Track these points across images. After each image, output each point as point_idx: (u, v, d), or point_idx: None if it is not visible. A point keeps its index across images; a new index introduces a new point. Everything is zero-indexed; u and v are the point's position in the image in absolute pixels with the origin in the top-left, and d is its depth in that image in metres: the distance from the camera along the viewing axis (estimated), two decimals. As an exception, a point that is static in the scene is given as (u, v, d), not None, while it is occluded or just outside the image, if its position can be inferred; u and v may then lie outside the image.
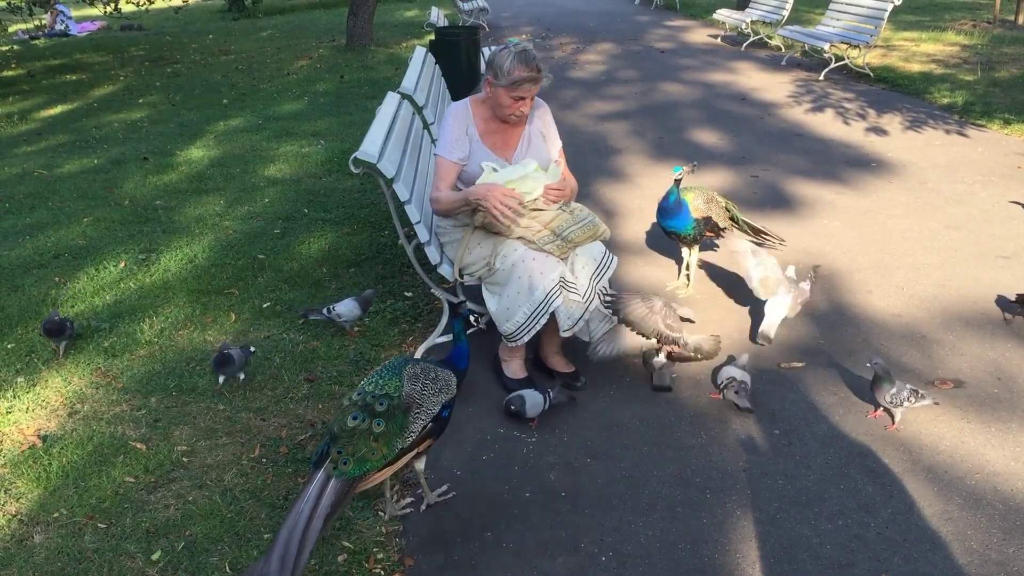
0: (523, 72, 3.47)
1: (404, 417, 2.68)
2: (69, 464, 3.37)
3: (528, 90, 3.54)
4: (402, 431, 2.67)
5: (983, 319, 4.33)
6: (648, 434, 3.50)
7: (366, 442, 2.59)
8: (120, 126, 9.58)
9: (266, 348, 4.22)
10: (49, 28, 20.68)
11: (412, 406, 2.71)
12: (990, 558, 2.76)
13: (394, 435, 2.65)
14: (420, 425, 2.72)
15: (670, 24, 17.53)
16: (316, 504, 2.47)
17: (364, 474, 2.59)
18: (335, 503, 2.50)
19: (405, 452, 2.72)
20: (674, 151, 7.67)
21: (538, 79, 3.53)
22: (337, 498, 2.51)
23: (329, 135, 8.61)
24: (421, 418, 2.72)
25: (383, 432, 2.62)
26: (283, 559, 2.35)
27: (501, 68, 3.50)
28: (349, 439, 2.58)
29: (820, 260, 5.09)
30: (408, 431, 2.68)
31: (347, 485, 2.55)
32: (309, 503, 2.46)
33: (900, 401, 3.39)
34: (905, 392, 3.39)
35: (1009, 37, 13.25)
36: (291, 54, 14.39)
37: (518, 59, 3.48)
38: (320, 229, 5.87)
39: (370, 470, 2.60)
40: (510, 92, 3.53)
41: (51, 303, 4.79)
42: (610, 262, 3.73)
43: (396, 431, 2.66)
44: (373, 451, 2.60)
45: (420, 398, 2.74)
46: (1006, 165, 6.88)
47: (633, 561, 2.81)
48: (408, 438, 2.68)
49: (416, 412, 2.71)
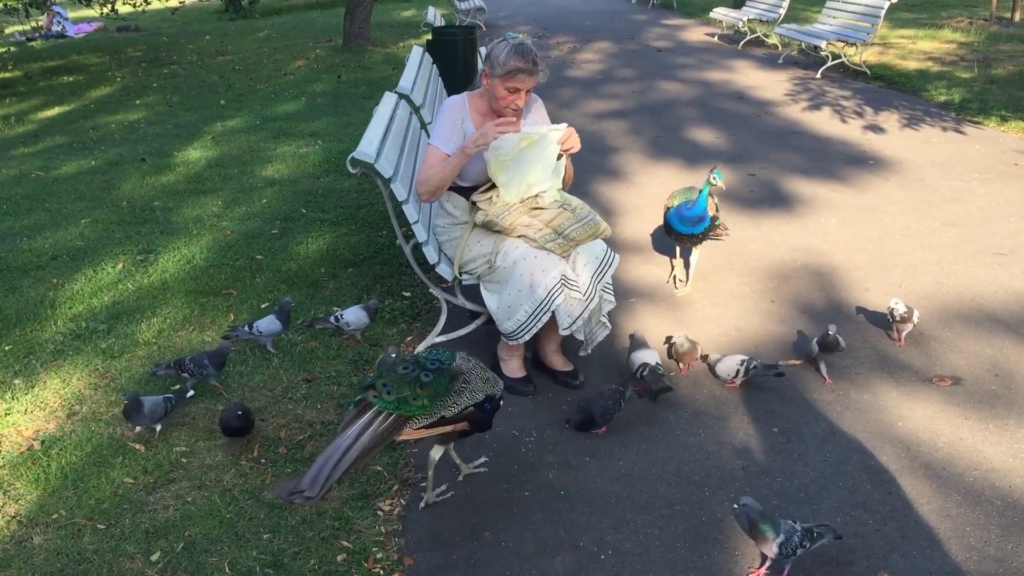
0: (518, 63, 3.47)
1: (450, 383, 2.81)
2: (68, 465, 3.37)
3: (523, 81, 3.52)
4: (447, 393, 2.79)
5: (981, 316, 4.34)
6: (647, 432, 3.50)
7: (412, 388, 2.72)
8: (117, 127, 9.58)
9: (264, 349, 4.22)
10: (46, 29, 20.69)
11: (459, 378, 2.84)
12: (988, 554, 2.76)
13: (439, 393, 2.77)
14: (464, 401, 2.83)
15: (667, 23, 17.54)
16: (356, 439, 2.61)
17: (402, 415, 2.70)
18: (372, 440, 2.63)
19: (445, 422, 2.82)
20: (672, 150, 7.68)
21: (533, 71, 3.52)
22: (375, 436, 2.64)
23: (327, 135, 8.61)
24: (466, 394, 2.84)
25: (430, 383, 2.76)
26: (315, 478, 2.51)
27: (497, 59, 3.50)
28: (395, 380, 2.73)
29: (817, 258, 5.10)
30: (452, 398, 2.80)
31: (387, 426, 2.67)
32: (348, 439, 2.61)
33: (792, 551, 2.57)
34: (796, 538, 2.58)
35: (1006, 34, 13.26)
36: (288, 54, 14.38)
37: (514, 50, 3.48)
38: (318, 229, 5.87)
39: (409, 413, 2.71)
40: (505, 83, 3.53)
41: (49, 304, 4.79)
42: (612, 260, 3.73)
43: (441, 390, 2.78)
44: (416, 396, 2.72)
45: (468, 376, 2.87)
46: (1003, 162, 6.89)
47: (632, 559, 2.81)
48: (451, 407, 2.79)
49: (463, 386, 2.83)
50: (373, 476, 3.25)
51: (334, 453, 2.58)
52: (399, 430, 2.71)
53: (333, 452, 2.58)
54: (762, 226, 5.69)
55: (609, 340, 3.97)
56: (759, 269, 5.01)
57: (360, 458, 2.60)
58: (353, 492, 3.16)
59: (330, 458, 2.56)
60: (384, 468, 3.30)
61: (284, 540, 2.93)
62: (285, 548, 2.89)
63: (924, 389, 3.72)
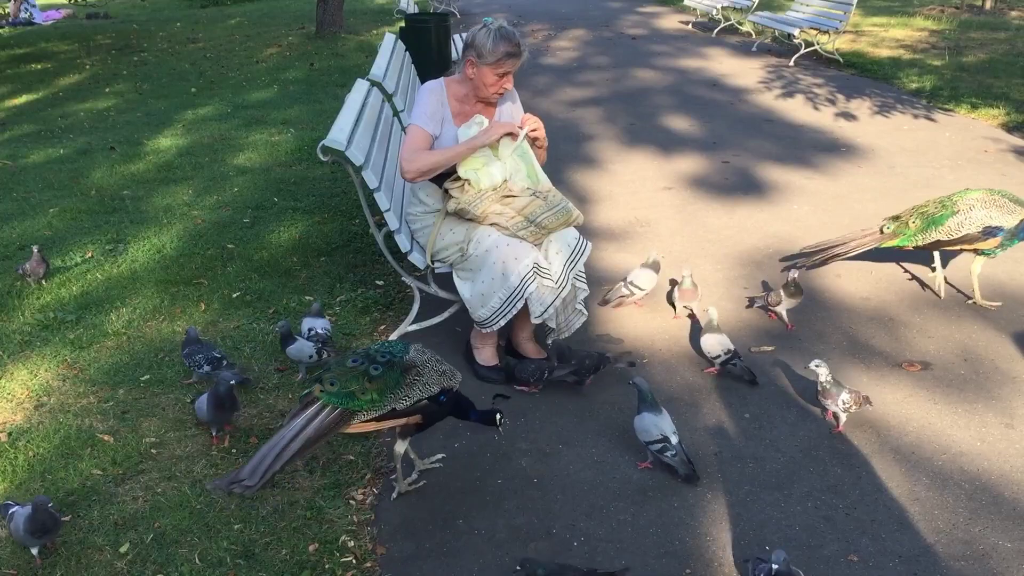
0: (507, 48, 3.50)
1: (401, 376, 2.78)
2: (36, 457, 3.33)
3: (512, 65, 3.55)
4: (396, 387, 2.76)
5: (951, 301, 4.38)
6: (619, 419, 3.50)
7: (359, 381, 2.71)
8: (86, 116, 9.44)
9: (236, 338, 4.18)
10: (13, 17, 20.32)
11: (412, 371, 2.81)
12: (956, 537, 2.79)
13: (388, 387, 2.74)
14: (417, 394, 2.80)
15: (642, 11, 17.52)
16: (300, 431, 2.61)
17: (349, 409, 2.68)
18: (317, 431, 2.63)
19: (396, 415, 2.80)
20: (646, 137, 7.68)
21: (519, 53, 3.55)
22: (319, 428, 2.63)
23: (299, 123, 8.54)
24: (419, 387, 2.81)
25: (378, 377, 2.73)
26: (255, 468, 2.54)
27: (484, 47, 3.49)
28: (342, 373, 2.72)
29: (790, 245, 5.12)
30: (403, 392, 2.77)
31: (332, 419, 2.66)
32: (292, 430, 2.61)
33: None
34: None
35: (977, 22, 13.38)
36: (260, 42, 14.23)
37: (500, 36, 3.49)
38: (290, 218, 5.82)
39: (356, 408, 2.69)
40: (495, 70, 3.53)
41: (16, 295, 4.72)
42: (584, 248, 3.73)
43: (391, 384, 2.75)
44: (364, 391, 2.70)
45: (422, 369, 2.83)
46: (973, 149, 6.95)
47: (605, 546, 2.82)
48: (402, 400, 2.77)
49: (415, 378, 2.80)
50: (346, 465, 3.24)
51: (277, 443, 2.59)
52: (345, 423, 2.70)
53: (276, 443, 2.59)
54: (735, 213, 5.70)
55: (582, 327, 3.96)
56: (732, 256, 5.02)
57: (303, 450, 2.61)
58: (325, 481, 3.14)
59: (272, 448, 2.58)
60: (357, 457, 3.29)
61: (255, 530, 2.91)
62: (256, 538, 2.87)
63: (894, 374, 3.75)
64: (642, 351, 4.00)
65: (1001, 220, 4.08)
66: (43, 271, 4.78)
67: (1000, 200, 4.12)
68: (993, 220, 4.08)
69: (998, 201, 4.11)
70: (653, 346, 4.07)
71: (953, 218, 4.14)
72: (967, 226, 4.11)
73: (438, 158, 3.56)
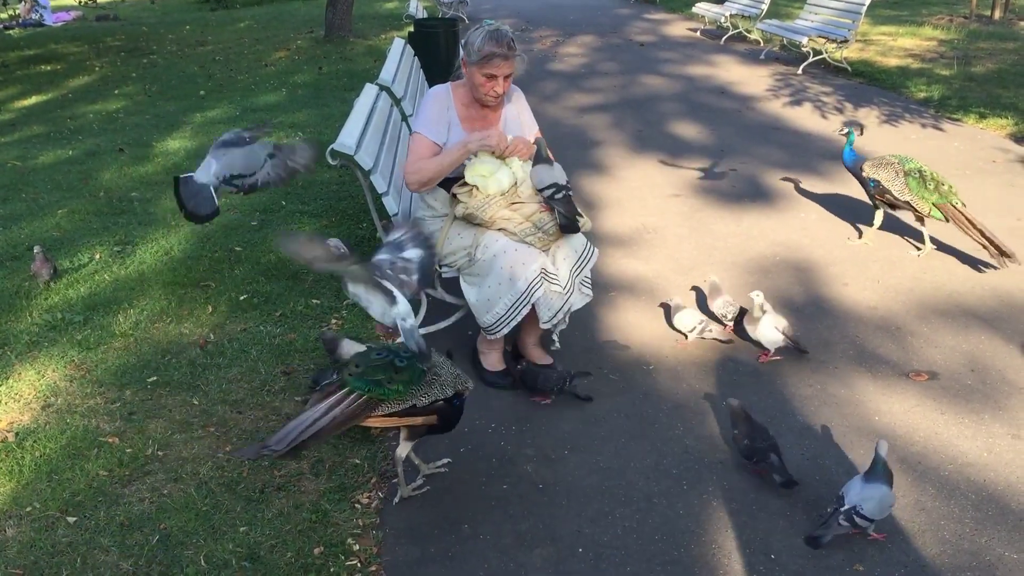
0: (492, 47, 3.47)
1: (423, 374, 2.79)
2: (42, 458, 3.33)
3: (499, 67, 3.52)
4: (419, 381, 2.77)
5: (958, 311, 4.37)
6: (626, 426, 3.50)
7: (387, 372, 2.72)
8: (96, 117, 9.48)
9: (243, 341, 4.19)
10: (23, 18, 20.41)
11: (431, 369, 2.83)
12: (963, 548, 2.79)
13: (413, 380, 2.76)
14: (436, 392, 2.82)
15: (650, 17, 17.54)
16: (327, 411, 2.62)
17: (374, 398, 2.69)
18: (344, 415, 2.64)
19: (415, 413, 2.80)
20: (654, 144, 7.69)
21: (509, 56, 3.51)
22: (345, 412, 2.65)
23: (307, 127, 8.56)
24: (437, 386, 2.82)
25: (405, 368, 2.75)
26: (282, 438, 2.54)
27: (472, 45, 3.50)
28: (369, 363, 2.74)
29: (796, 253, 5.12)
30: (424, 388, 2.79)
31: (358, 405, 2.67)
32: (319, 411, 2.62)
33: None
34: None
35: (985, 32, 13.36)
36: (269, 45, 14.28)
37: (489, 36, 3.49)
38: (298, 221, 5.83)
39: (382, 396, 2.70)
40: (481, 69, 3.52)
41: (24, 295, 4.73)
42: (591, 254, 3.73)
43: (415, 377, 2.77)
44: (392, 380, 2.72)
45: (439, 369, 2.86)
46: (981, 159, 6.94)
47: (610, 552, 2.82)
48: (423, 397, 2.78)
49: (434, 377, 2.82)
50: (351, 469, 3.24)
51: (306, 419, 2.60)
52: (369, 412, 2.71)
53: (305, 419, 2.60)
54: (742, 221, 5.70)
55: (588, 333, 3.97)
56: (739, 263, 5.02)
57: (329, 429, 2.62)
58: (331, 485, 3.14)
59: (302, 423, 2.59)
60: (363, 461, 3.29)
61: (261, 533, 2.91)
62: (262, 541, 2.87)
63: (901, 383, 3.74)
64: (649, 359, 4.00)
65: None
66: (47, 272, 4.78)
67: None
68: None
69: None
70: (660, 353, 4.06)
71: None
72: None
73: (437, 166, 3.57)
